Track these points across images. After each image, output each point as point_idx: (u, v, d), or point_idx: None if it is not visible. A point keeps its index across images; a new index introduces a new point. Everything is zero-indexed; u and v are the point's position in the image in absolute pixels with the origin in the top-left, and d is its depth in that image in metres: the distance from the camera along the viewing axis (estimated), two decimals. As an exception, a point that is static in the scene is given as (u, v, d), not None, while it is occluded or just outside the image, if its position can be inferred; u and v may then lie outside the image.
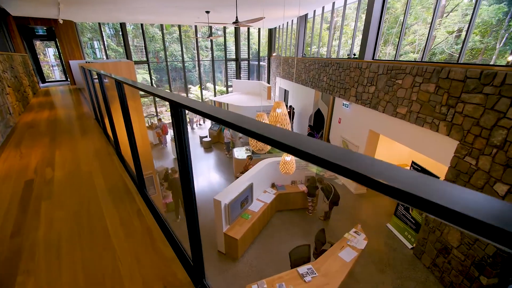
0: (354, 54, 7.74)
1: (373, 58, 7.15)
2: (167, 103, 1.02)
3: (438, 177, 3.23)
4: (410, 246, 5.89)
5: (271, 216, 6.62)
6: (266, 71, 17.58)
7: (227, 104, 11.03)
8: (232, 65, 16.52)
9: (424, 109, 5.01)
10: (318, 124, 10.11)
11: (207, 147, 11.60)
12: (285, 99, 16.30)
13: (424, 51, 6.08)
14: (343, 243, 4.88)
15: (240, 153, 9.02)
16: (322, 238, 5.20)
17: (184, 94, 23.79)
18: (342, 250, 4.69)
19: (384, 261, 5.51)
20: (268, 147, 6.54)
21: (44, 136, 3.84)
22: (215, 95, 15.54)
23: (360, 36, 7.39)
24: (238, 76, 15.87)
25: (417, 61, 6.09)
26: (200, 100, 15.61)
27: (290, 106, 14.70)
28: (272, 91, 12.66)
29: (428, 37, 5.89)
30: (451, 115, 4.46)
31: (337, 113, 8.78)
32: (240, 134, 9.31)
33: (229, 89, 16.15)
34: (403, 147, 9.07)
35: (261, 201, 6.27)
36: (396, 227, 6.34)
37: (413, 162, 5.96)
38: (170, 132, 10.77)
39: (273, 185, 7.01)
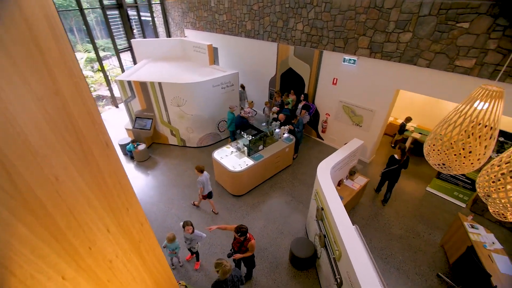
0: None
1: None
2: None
3: None
4: (463, 205, 5.71)
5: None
6: (162, 24, 12.51)
7: (159, 83, 6.74)
8: (113, 18, 10.46)
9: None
10: (291, 88, 7.98)
11: (143, 159, 7.26)
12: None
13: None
14: (482, 250, 3.84)
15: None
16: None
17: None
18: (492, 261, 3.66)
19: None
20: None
21: None
22: (102, 69, 9.74)
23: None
24: (130, 35, 10.36)
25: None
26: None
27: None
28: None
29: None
30: None
31: (329, 73, 6.98)
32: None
33: (123, 55, 10.59)
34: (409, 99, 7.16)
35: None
36: (440, 188, 6.00)
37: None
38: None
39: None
